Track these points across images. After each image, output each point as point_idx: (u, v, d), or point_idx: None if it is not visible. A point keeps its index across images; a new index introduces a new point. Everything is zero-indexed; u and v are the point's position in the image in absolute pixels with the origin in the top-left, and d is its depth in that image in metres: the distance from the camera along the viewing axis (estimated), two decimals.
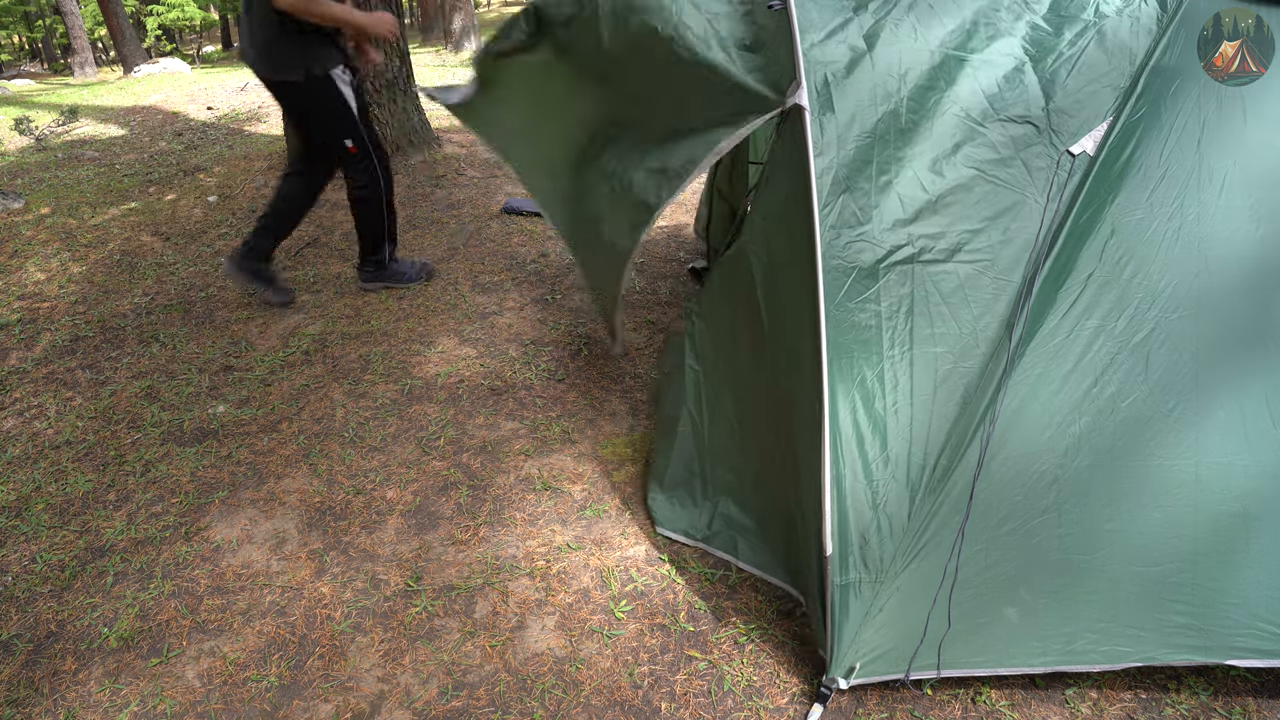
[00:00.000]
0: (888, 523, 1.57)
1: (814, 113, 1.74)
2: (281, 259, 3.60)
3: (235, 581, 1.95)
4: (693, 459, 2.07)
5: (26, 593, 1.94)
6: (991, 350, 1.62)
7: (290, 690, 1.67)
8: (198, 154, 5.25)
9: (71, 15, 14.89)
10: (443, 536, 2.06)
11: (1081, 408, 1.58)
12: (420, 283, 3.32)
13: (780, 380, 1.80)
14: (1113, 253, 1.62)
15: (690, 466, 2.07)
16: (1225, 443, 1.56)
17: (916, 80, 1.78)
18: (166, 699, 1.66)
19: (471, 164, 4.75)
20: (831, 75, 1.79)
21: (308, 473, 2.30)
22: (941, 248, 1.67)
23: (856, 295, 1.66)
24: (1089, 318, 1.60)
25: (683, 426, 2.12)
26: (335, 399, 2.63)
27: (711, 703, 1.61)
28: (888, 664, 1.54)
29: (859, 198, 1.70)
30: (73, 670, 1.74)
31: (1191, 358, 1.58)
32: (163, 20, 20.71)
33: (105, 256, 3.75)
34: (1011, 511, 1.56)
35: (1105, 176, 1.63)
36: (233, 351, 2.93)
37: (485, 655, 1.73)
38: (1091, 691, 1.61)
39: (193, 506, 2.19)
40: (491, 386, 2.66)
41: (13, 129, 6.29)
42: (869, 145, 1.73)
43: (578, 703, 1.62)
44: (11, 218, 4.21)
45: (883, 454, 1.60)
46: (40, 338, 3.10)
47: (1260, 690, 1.61)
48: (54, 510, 2.21)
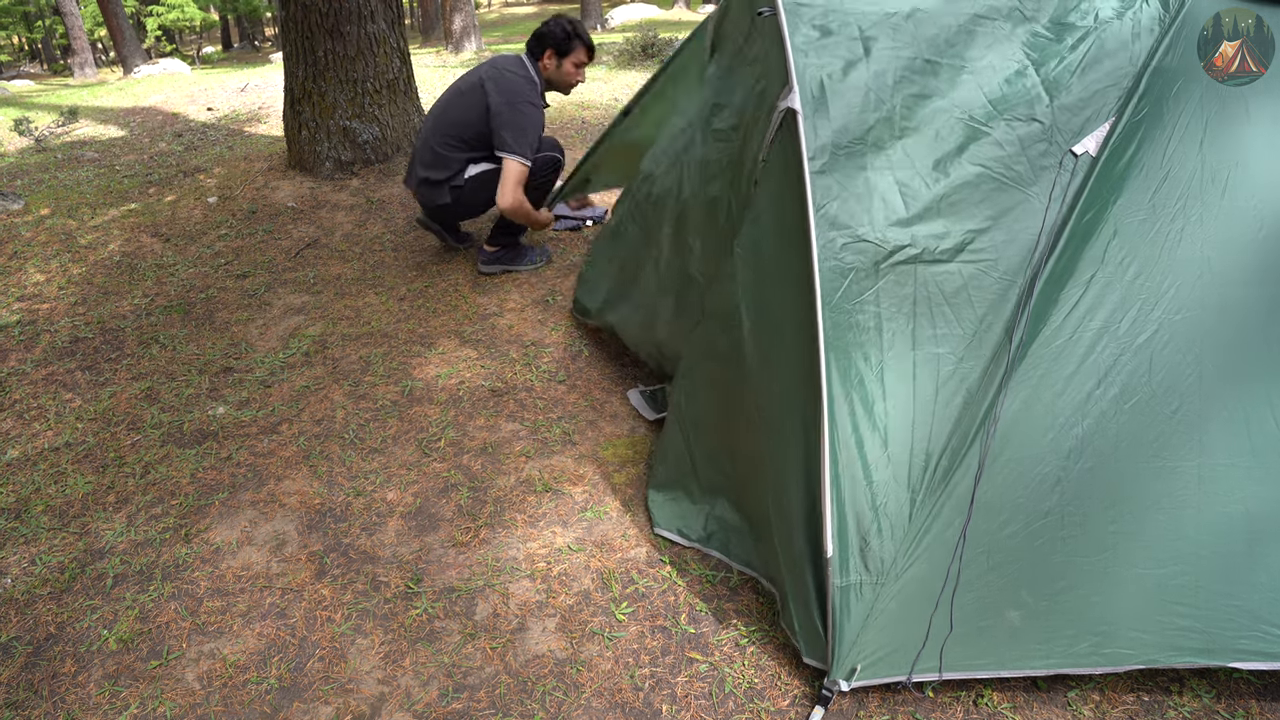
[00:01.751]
0: (888, 524, 1.57)
1: (807, 115, 1.74)
2: (281, 260, 3.60)
3: (235, 583, 1.94)
4: (684, 460, 2.06)
5: (26, 595, 1.94)
6: (994, 351, 1.61)
7: (290, 692, 1.66)
8: (198, 155, 5.25)
9: (71, 16, 14.90)
10: (443, 538, 2.05)
11: (1084, 409, 1.57)
12: (540, 265, 3.40)
13: (769, 382, 1.78)
14: (1115, 254, 1.62)
15: (683, 467, 2.05)
16: (1229, 444, 1.56)
17: (915, 83, 1.78)
18: (166, 701, 1.65)
19: None
20: (827, 78, 1.79)
21: (308, 474, 2.30)
22: (945, 247, 1.66)
23: (855, 296, 1.65)
24: (1092, 319, 1.60)
25: (673, 427, 2.11)
26: (335, 400, 2.62)
27: (713, 705, 1.61)
28: (889, 666, 1.54)
29: (856, 199, 1.70)
30: (72, 673, 1.73)
31: (1195, 359, 1.58)
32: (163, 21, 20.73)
33: (105, 258, 3.75)
34: (1013, 513, 1.55)
35: (1107, 177, 1.63)
36: (233, 353, 2.93)
37: (486, 657, 1.73)
38: (1094, 694, 1.60)
39: (192, 508, 2.19)
40: (492, 388, 2.66)
41: (12, 130, 6.29)
42: (866, 147, 1.73)
43: (579, 705, 1.62)
44: (11, 219, 4.21)
45: (883, 455, 1.59)
46: (39, 339, 3.09)
47: (1263, 693, 1.61)
48: (53, 512, 2.21)
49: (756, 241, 1.87)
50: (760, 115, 1.98)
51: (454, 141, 3.02)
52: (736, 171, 2.10)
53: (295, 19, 4.07)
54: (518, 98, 2.91)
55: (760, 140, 1.92)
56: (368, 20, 4.11)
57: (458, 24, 11.36)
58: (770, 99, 1.93)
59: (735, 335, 1.87)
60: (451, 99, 3.06)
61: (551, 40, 2.96)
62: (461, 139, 3.01)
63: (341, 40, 4.08)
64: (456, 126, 3.01)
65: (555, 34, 2.96)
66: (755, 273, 1.84)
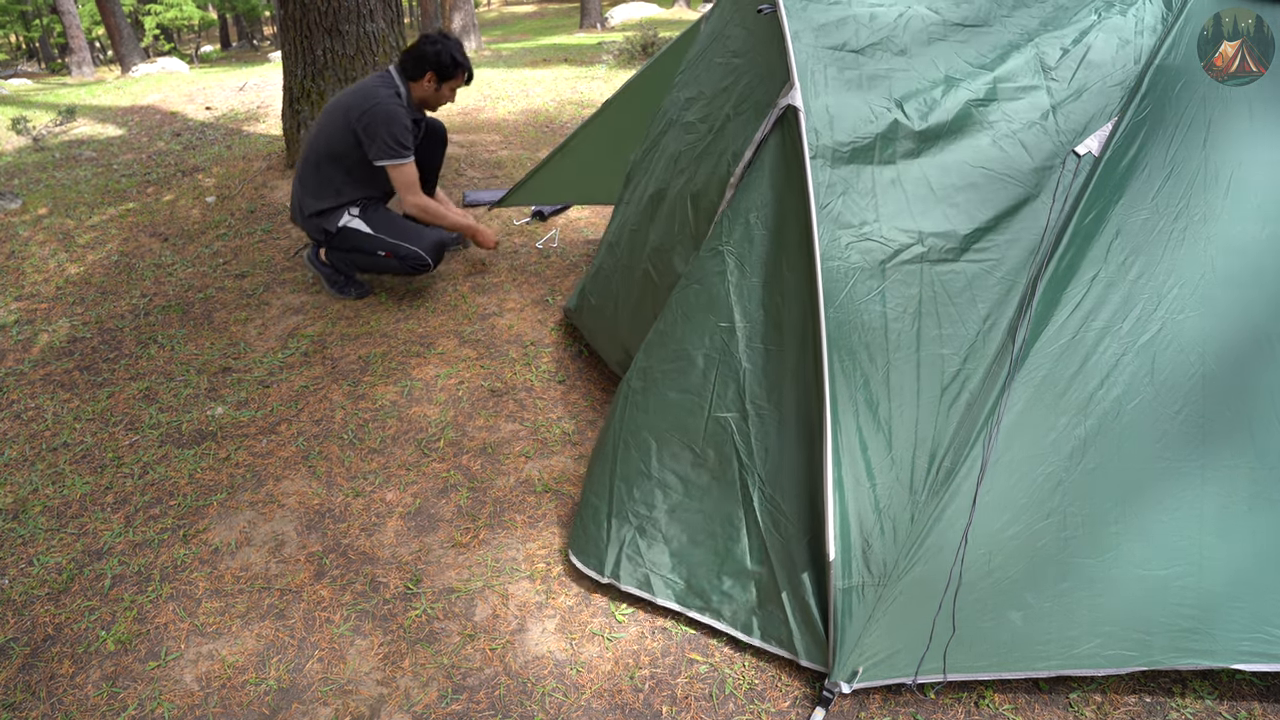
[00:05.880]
0: (891, 526, 1.56)
1: (809, 113, 1.73)
2: (280, 259, 3.59)
3: (234, 584, 1.93)
4: (603, 488, 1.91)
5: (23, 596, 1.93)
6: (997, 351, 1.61)
7: (289, 693, 1.66)
8: (196, 154, 5.23)
9: (69, 15, 14.86)
10: (442, 539, 2.05)
11: (1087, 409, 1.57)
12: (350, 298, 3.28)
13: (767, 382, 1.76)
14: (1118, 253, 1.61)
15: (600, 494, 1.91)
16: (1232, 445, 1.55)
17: (919, 82, 1.77)
18: (164, 702, 1.65)
19: (472, 164, 4.74)
20: (829, 76, 1.78)
21: (307, 475, 2.29)
22: (950, 246, 1.66)
23: (860, 296, 1.64)
24: (1094, 319, 1.59)
25: (605, 450, 1.96)
26: (334, 400, 2.61)
27: (713, 706, 1.60)
28: (891, 668, 1.54)
29: (860, 198, 1.69)
30: (70, 674, 1.72)
31: (1198, 359, 1.57)
32: (161, 20, 20.68)
33: (103, 257, 3.74)
34: (1016, 514, 1.55)
35: (1110, 176, 1.62)
36: (231, 353, 2.92)
37: (485, 658, 1.72)
38: (1095, 695, 1.60)
39: (191, 509, 2.18)
40: (491, 388, 2.65)
41: (10, 129, 6.27)
42: (870, 145, 1.72)
43: (578, 706, 1.61)
44: (9, 218, 4.20)
45: (887, 457, 1.59)
46: (38, 339, 3.08)
47: (1266, 694, 1.60)
48: (51, 513, 2.20)
49: (748, 240, 1.82)
50: (744, 110, 1.95)
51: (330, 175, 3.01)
52: (703, 165, 2.07)
53: (294, 18, 4.06)
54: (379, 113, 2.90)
55: (744, 135, 1.90)
56: (366, 19, 4.10)
57: (457, 23, 11.36)
58: (757, 95, 1.91)
59: (721, 337, 1.80)
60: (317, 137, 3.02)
61: (435, 64, 2.90)
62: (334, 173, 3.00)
63: (340, 39, 4.07)
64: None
65: (442, 59, 2.90)
66: (747, 272, 1.80)
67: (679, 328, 1.88)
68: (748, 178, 1.85)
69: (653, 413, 1.87)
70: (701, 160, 2.10)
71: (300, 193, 3.02)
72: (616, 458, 1.90)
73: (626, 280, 2.43)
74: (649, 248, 2.30)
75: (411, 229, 3.02)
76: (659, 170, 2.36)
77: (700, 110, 2.21)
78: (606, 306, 2.55)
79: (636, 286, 2.35)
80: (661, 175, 2.33)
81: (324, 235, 3.03)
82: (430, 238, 3.02)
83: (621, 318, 2.44)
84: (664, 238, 2.22)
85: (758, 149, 1.84)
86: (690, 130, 2.22)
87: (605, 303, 2.57)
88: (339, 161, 2.94)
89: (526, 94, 6.80)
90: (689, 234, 2.09)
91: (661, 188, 2.30)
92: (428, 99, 3.00)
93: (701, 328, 1.83)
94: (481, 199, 4.14)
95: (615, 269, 2.53)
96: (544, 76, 7.68)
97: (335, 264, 3.18)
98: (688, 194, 2.12)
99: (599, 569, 1.84)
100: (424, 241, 2.99)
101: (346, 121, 2.88)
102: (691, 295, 1.88)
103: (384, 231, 2.99)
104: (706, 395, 1.80)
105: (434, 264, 3.03)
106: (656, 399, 1.87)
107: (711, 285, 1.84)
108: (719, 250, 1.84)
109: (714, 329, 1.81)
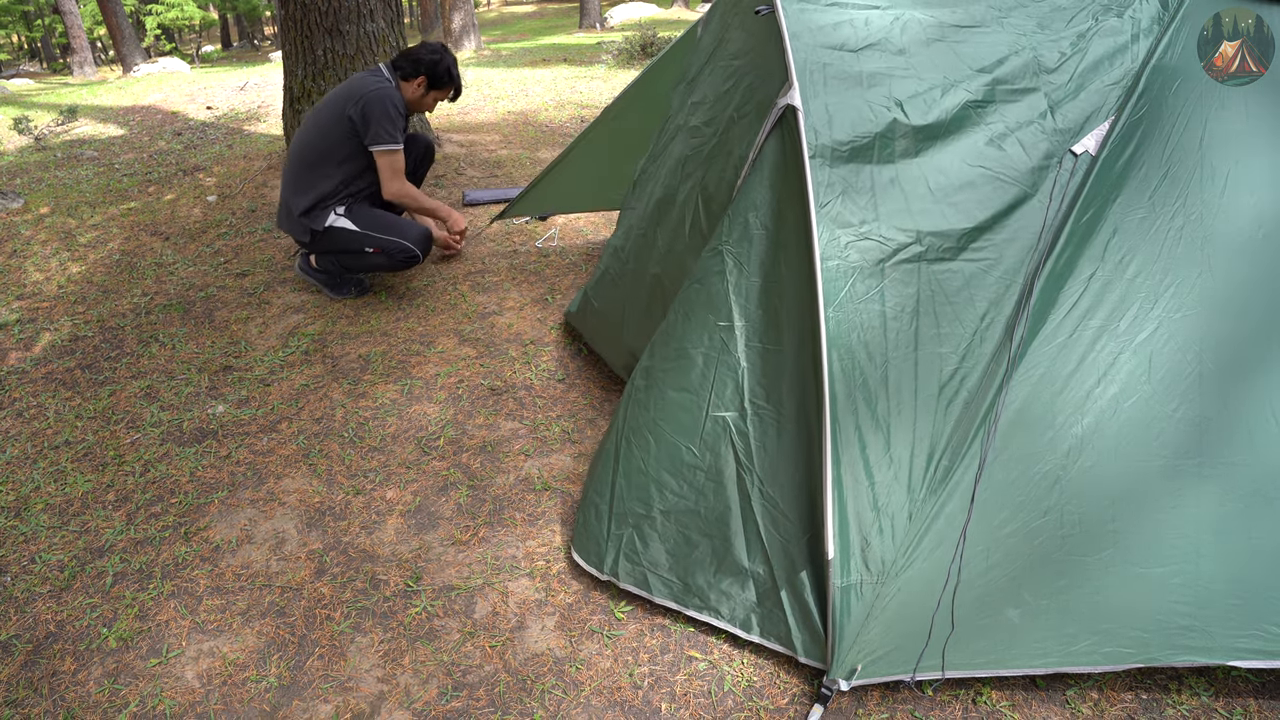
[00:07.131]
0: (889, 524, 1.57)
1: (808, 112, 1.73)
2: (280, 258, 3.60)
3: (235, 582, 1.94)
4: (605, 486, 1.92)
5: (25, 593, 1.94)
6: (995, 350, 1.61)
7: (290, 691, 1.66)
8: (197, 153, 5.24)
9: (70, 15, 14.87)
10: (442, 536, 2.05)
11: (1084, 408, 1.57)
12: (349, 297, 3.28)
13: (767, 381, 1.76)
14: (1115, 252, 1.62)
15: (601, 492, 1.92)
16: (1229, 442, 1.56)
17: (917, 82, 1.77)
18: (166, 699, 1.65)
19: (471, 164, 4.75)
20: (827, 76, 1.78)
21: (307, 473, 2.30)
22: (948, 246, 1.66)
23: (859, 295, 1.65)
24: (1091, 317, 1.60)
25: (607, 448, 1.98)
26: (335, 399, 2.62)
27: (712, 703, 1.61)
28: (889, 665, 1.54)
29: (859, 197, 1.70)
30: (72, 671, 1.73)
31: (1195, 358, 1.58)
32: (162, 20, 20.70)
33: (104, 256, 3.75)
34: (1013, 512, 1.56)
35: (1107, 175, 1.63)
36: (232, 351, 2.93)
37: (485, 655, 1.73)
38: (1092, 692, 1.61)
39: (192, 507, 2.19)
40: (491, 386, 2.66)
41: (12, 128, 6.28)
42: (869, 144, 1.73)
43: (578, 703, 1.62)
44: (10, 217, 4.21)
45: (885, 455, 1.59)
46: (39, 338, 3.09)
47: (1261, 691, 1.61)
48: (53, 510, 2.21)
49: (747, 239, 1.82)
50: (746, 112, 1.96)
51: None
52: (711, 168, 2.07)
53: (294, 18, 4.07)
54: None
55: (748, 138, 1.90)
56: (367, 19, 4.11)
57: (457, 22, 11.36)
58: (759, 95, 1.92)
59: (720, 336, 1.81)
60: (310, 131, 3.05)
61: (431, 71, 2.98)
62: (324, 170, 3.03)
63: (341, 39, 4.08)
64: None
65: (438, 68, 2.98)
66: (746, 271, 1.81)
67: (680, 327, 1.89)
68: (750, 178, 1.86)
69: (653, 411, 1.88)
70: (709, 163, 2.11)
71: (288, 194, 3.03)
72: (618, 455, 1.91)
73: (633, 285, 2.43)
74: (657, 252, 2.30)
75: (396, 224, 3.04)
76: (665, 175, 2.36)
77: (705, 114, 2.21)
78: (611, 310, 2.55)
79: (645, 291, 2.36)
80: (668, 180, 2.33)
81: (310, 236, 3.03)
82: (416, 230, 3.04)
83: (628, 321, 2.44)
84: (673, 241, 2.22)
85: (759, 150, 1.84)
86: (696, 134, 2.22)
87: (610, 307, 2.57)
88: (330, 155, 2.96)
89: (526, 94, 6.81)
90: (700, 236, 2.09)
91: (669, 192, 2.30)
92: (412, 102, 3.05)
93: (701, 327, 1.84)
94: (481, 198, 4.14)
95: (621, 274, 2.53)
96: (543, 76, 7.70)
97: (325, 267, 3.20)
98: (698, 197, 2.12)
99: (598, 566, 1.85)
100: (411, 234, 3.02)
101: (342, 110, 2.90)
102: (692, 294, 1.88)
103: (370, 228, 3.01)
104: (705, 394, 1.80)
105: (422, 256, 3.07)
106: (657, 397, 1.88)
107: (711, 284, 1.84)
108: (719, 250, 1.85)
109: (713, 328, 1.81)
